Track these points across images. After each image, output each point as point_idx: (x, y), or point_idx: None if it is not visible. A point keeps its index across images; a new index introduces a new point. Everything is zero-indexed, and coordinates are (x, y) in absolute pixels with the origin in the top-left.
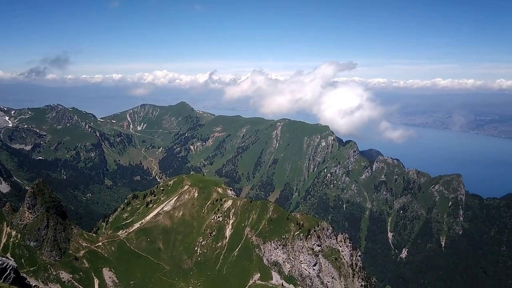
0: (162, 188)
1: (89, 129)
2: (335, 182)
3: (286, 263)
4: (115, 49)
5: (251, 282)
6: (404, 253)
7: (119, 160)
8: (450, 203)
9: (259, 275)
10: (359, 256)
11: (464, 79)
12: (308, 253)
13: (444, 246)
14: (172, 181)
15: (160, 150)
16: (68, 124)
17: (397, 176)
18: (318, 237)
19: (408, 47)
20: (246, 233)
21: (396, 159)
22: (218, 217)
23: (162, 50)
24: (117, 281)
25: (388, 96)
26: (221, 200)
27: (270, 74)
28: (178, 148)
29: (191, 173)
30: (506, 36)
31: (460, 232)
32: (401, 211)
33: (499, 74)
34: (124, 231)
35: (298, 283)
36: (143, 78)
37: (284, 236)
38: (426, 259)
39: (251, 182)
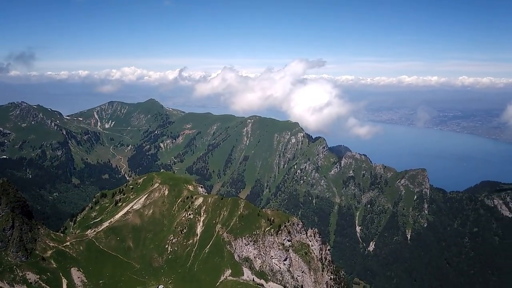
0: (131, 186)
1: (55, 127)
2: (305, 178)
3: (257, 258)
4: (81, 45)
5: (222, 278)
6: (371, 246)
7: (87, 159)
8: (416, 197)
9: (230, 271)
10: (328, 250)
11: (429, 76)
12: (279, 248)
13: (410, 239)
14: (141, 179)
15: (129, 148)
16: (33, 122)
17: (364, 171)
18: (289, 232)
19: (375, 45)
20: (217, 230)
21: (363, 154)
22: (189, 214)
23: (130, 46)
24: (86, 281)
25: (355, 93)
26: (192, 198)
27: (241, 71)
28: (148, 146)
29: (161, 171)
30: (469, 35)
31: (425, 225)
32: (369, 205)
33: (462, 72)
34: (93, 230)
35: (269, 278)
36: (111, 74)
37: (255, 232)
38: (393, 252)
39: (222, 179)
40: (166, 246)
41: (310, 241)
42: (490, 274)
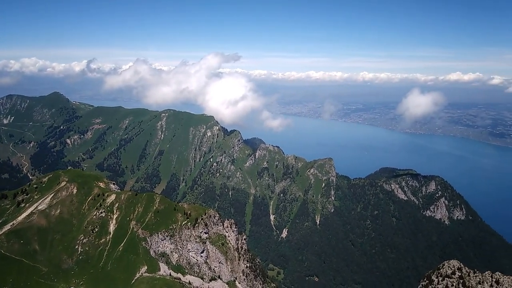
0: (35, 186)
1: None
2: (221, 170)
3: (174, 253)
4: None
5: (137, 275)
6: (284, 233)
7: None
8: (324, 184)
9: (146, 267)
10: (244, 239)
11: (334, 72)
12: (196, 241)
13: (319, 224)
14: (47, 177)
15: (31, 144)
16: None
17: (277, 162)
18: (206, 225)
19: (286, 41)
20: (131, 227)
21: (276, 146)
22: (101, 212)
23: (30, 35)
24: None
25: (268, 87)
26: (104, 195)
27: (154, 64)
28: (53, 142)
29: (69, 168)
30: (368, 34)
31: (332, 210)
32: (282, 195)
33: (363, 68)
34: None
35: (186, 271)
36: (8, 66)
37: (172, 227)
38: (304, 237)
39: (136, 174)
40: (76, 247)
41: (227, 232)
42: (389, 252)
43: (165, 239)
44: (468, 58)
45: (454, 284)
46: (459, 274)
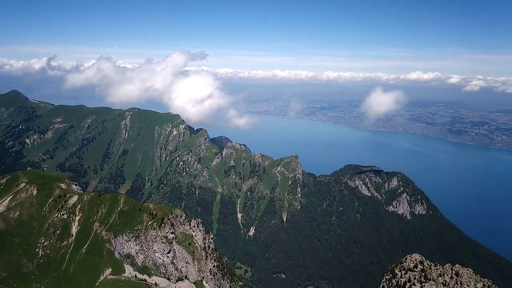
0: None
1: None
2: (187, 169)
3: (139, 254)
4: None
5: (102, 278)
6: (252, 231)
7: None
8: (290, 182)
9: (110, 269)
10: (212, 238)
11: (299, 70)
12: (162, 242)
13: (286, 221)
14: (5, 179)
15: None
16: None
17: (244, 161)
18: (172, 224)
19: (252, 40)
20: (95, 229)
21: (243, 144)
22: (62, 214)
23: None
24: None
25: (235, 86)
26: (65, 196)
27: (118, 61)
28: (11, 142)
29: (28, 169)
30: (330, 33)
31: (299, 207)
32: (249, 193)
33: (327, 67)
34: None
35: (152, 272)
36: None
37: (137, 228)
38: (271, 235)
39: (99, 175)
40: (37, 250)
41: (194, 232)
42: (354, 247)
43: (130, 240)
44: (427, 58)
45: (417, 277)
46: (421, 267)
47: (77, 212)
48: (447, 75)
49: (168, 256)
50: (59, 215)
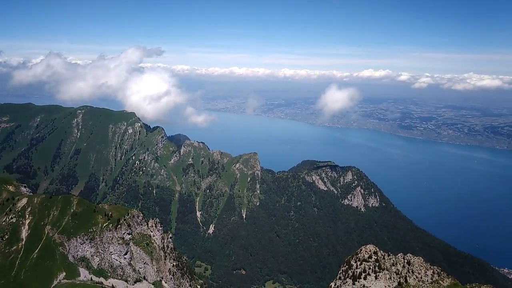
0: None
1: None
2: (144, 168)
3: (95, 256)
4: None
5: (55, 282)
6: (211, 229)
7: None
8: (249, 178)
9: (64, 273)
10: (170, 238)
11: (257, 68)
12: (118, 243)
13: (245, 218)
14: None
15: None
16: None
17: (203, 158)
18: (129, 225)
19: (209, 36)
20: (46, 232)
21: (201, 142)
22: (11, 218)
23: None
24: None
25: (192, 83)
26: (14, 199)
27: (69, 57)
28: None
29: None
30: (286, 31)
31: (258, 204)
32: (208, 190)
33: (284, 64)
34: None
35: (109, 274)
36: None
37: (92, 230)
38: (231, 231)
39: (50, 176)
40: None
41: (152, 232)
42: (312, 241)
43: (84, 242)
44: (379, 56)
45: (371, 267)
46: (375, 257)
47: (27, 216)
48: (397, 73)
49: (125, 258)
50: (8, 219)
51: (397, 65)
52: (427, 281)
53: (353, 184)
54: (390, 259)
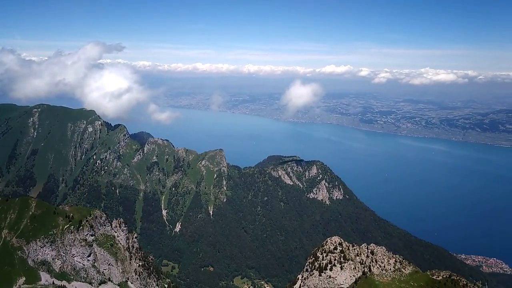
0: None
1: None
2: (106, 168)
3: (56, 259)
4: None
5: None
6: (178, 227)
7: None
8: (215, 175)
9: (24, 278)
10: (136, 237)
11: (220, 64)
12: (81, 245)
13: (212, 214)
14: None
15: None
16: None
17: (168, 156)
18: (91, 226)
19: (171, 32)
20: (3, 236)
21: (166, 139)
22: None
23: None
24: None
25: (154, 79)
26: None
27: (23, 54)
28: None
29: None
30: (249, 27)
31: (225, 200)
32: (174, 188)
33: (248, 60)
34: None
35: (72, 277)
36: None
37: (52, 232)
38: (198, 229)
39: (5, 178)
40: None
41: (116, 232)
42: (279, 235)
43: (45, 246)
44: (340, 52)
45: (337, 258)
46: (340, 248)
47: None
48: (358, 68)
49: (88, 260)
50: None
51: (358, 61)
52: (390, 269)
53: (318, 178)
54: (354, 249)
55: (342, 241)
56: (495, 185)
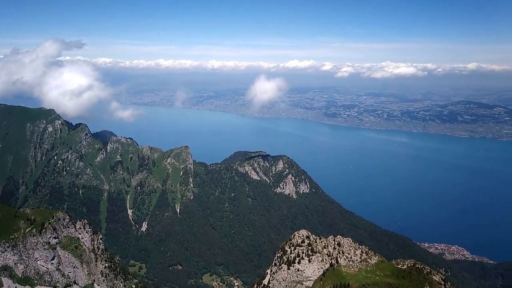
0: None
1: None
2: (68, 168)
3: (18, 264)
4: None
5: None
6: (144, 226)
7: None
8: (181, 173)
9: None
10: (101, 239)
11: (184, 60)
12: (44, 248)
13: (179, 212)
14: None
15: None
16: None
17: (132, 155)
18: (54, 229)
19: (132, 28)
20: None
21: (129, 138)
22: None
23: None
24: None
25: (115, 76)
26: None
27: None
28: None
29: None
30: (213, 23)
31: (192, 198)
32: (139, 187)
33: (212, 56)
34: None
35: (36, 282)
36: None
37: (13, 236)
38: (165, 228)
39: None
40: None
41: (80, 234)
42: (247, 230)
43: (6, 250)
44: (303, 47)
45: (305, 251)
46: (308, 241)
47: None
48: (321, 63)
49: (52, 263)
50: None
51: (321, 56)
52: (357, 260)
53: (285, 172)
54: (321, 242)
55: (310, 234)
56: (454, 174)
